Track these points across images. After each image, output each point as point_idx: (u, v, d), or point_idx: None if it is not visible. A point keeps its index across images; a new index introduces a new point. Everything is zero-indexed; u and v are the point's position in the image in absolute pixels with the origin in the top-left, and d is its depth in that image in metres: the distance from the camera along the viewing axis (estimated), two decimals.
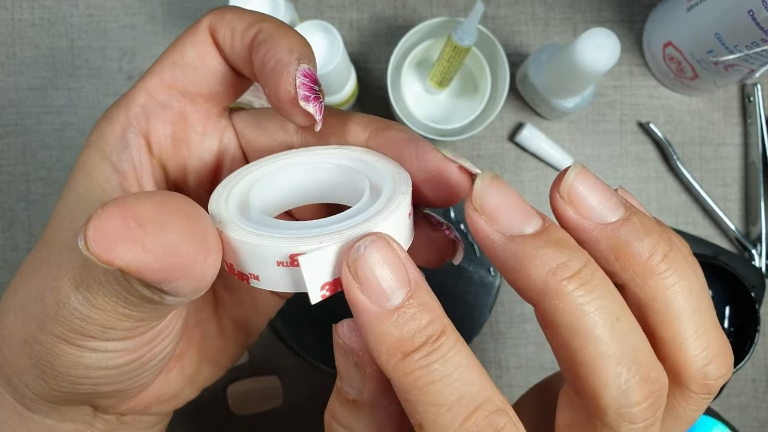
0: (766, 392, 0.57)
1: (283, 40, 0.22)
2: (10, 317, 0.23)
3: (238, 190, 0.22)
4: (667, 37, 0.52)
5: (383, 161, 0.22)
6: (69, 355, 0.22)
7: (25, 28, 0.57)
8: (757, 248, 0.55)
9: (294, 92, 0.21)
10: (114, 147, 0.24)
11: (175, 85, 0.24)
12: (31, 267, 0.23)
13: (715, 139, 0.57)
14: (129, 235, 0.16)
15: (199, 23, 0.24)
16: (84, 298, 0.20)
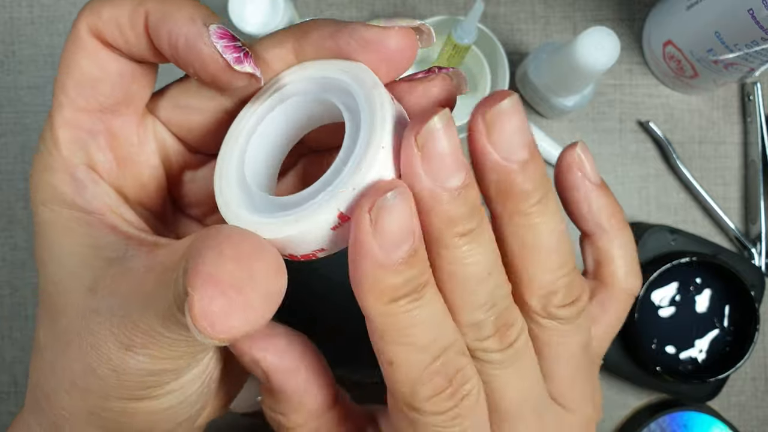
0: (765, 391, 0.57)
1: (176, 13, 0.20)
2: (63, 397, 0.21)
3: (235, 187, 0.21)
4: (667, 35, 0.52)
5: (335, 65, 0.21)
6: (145, 407, 0.21)
7: (23, 26, 0.57)
8: (757, 247, 0.55)
9: (223, 60, 0.20)
10: (73, 193, 0.22)
11: (91, 106, 0.22)
12: (56, 341, 0.22)
13: (715, 137, 0.57)
14: (236, 305, 0.16)
15: (78, 31, 0.21)
16: (147, 357, 0.20)
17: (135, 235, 0.22)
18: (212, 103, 0.23)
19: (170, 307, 0.18)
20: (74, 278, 0.21)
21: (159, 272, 0.19)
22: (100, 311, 0.20)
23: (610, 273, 0.26)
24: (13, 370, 0.57)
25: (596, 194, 0.25)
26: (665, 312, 0.53)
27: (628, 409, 0.57)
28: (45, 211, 0.22)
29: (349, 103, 0.20)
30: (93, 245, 0.21)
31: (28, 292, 0.57)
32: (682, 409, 0.53)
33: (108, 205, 0.22)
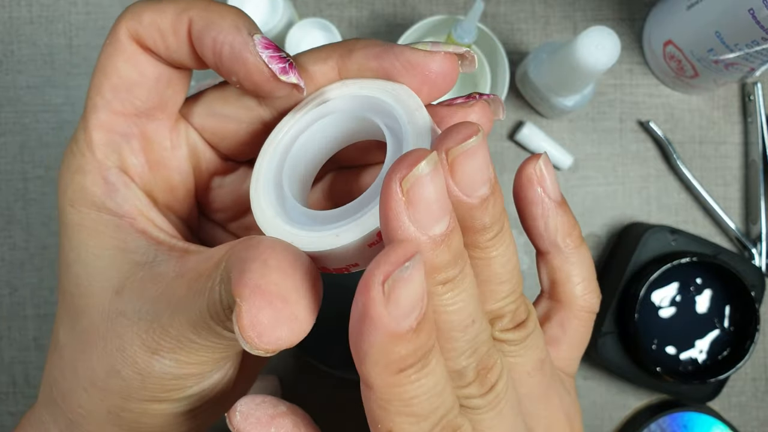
0: (766, 391, 0.57)
1: (221, 21, 0.20)
2: (81, 395, 0.22)
3: (272, 197, 0.21)
4: (668, 35, 0.52)
5: (378, 85, 0.21)
6: (165, 409, 0.21)
7: (22, 25, 0.56)
8: (757, 247, 0.55)
9: (268, 69, 0.20)
10: (104, 195, 0.22)
11: (127, 109, 0.22)
12: (76, 341, 0.22)
13: (716, 137, 0.57)
14: (283, 316, 0.17)
15: (117, 35, 0.21)
16: (173, 361, 0.20)
17: (165, 240, 0.22)
18: (249, 113, 0.23)
19: (202, 313, 0.18)
20: (100, 280, 0.21)
21: (191, 279, 0.19)
22: (127, 314, 0.20)
23: (566, 292, 0.26)
24: (12, 371, 0.57)
25: (554, 212, 0.24)
26: (665, 312, 0.53)
27: (628, 409, 0.57)
28: (73, 212, 0.22)
29: (390, 123, 0.21)
30: (121, 248, 0.21)
31: (27, 292, 0.57)
32: (683, 410, 0.53)
33: (139, 209, 0.22)
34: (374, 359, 0.17)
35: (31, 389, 0.57)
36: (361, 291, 0.16)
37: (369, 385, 0.17)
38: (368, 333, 0.16)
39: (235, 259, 0.18)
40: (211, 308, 0.18)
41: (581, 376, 0.57)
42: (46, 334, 0.57)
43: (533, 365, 0.23)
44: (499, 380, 0.20)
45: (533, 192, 0.24)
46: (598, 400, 0.57)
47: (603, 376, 0.57)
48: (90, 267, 0.21)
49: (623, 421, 0.57)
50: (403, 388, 0.17)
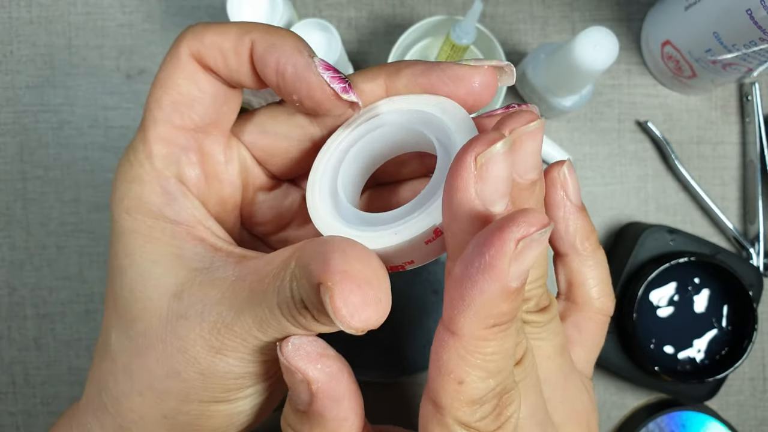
0: (763, 391, 0.57)
1: (284, 44, 0.22)
2: (135, 400, 0.22)
3: (327, 201, 0.22)
4: (666, 35, 0.52)
5: (424, 100, 0.23)
6: (222, 410, 0.22)
7: (22, 26, 0.56)
8: (755, 247, 0.55)
9: (330, 89, 0.22)
10: (162, 204, 0.23)
11: (186, 124, 0.23)
12: (131, 345, 0.22)
13: (713, 137, 0.57)
14: (370, 299, 0.18)
15: (178, 53, 0.23)
16: (237, 360, 0.21)
17: (223, 247, 0.23)
18: (300, 131, 0.24)
19: (272, 310, 0.19)
20: (157, 285, 0.22)
21: (253, 281, 0.20)
22: (189, 316, 0.21)
23: (582, 294, 0.27)
24: (12, 371, 0.57)
25: (575, 216, 0.25)
26: (663, 312, 0.53)
27: (626, 409, 0.57)
28: (129, 219, 0.23)
29: (439, 135, 0.22)
30: (178, 255, 0.22)
31: (26, 292, 0.57)
32: (681, 409, 0.53)
33: (196, 217, 0.23)
34: (478, 309, 0.17)
35: (30, 389, 0.57)
36: (492, 243, 0.17)
37: (458, 333, 0.18)
38: (485, 282, 0.17)
39: (311, 254, 0.19)
40: (282, 304, 0.19)
41: None
42: (45, 334, 0.57)
43: (553, 350, 0.24)
44: (525, 356, 0.21)
45: (556, 195, 0.25)
46: (596, 399, 0.57)
47: (601, 376, 0.57)
48: (146, 272, 0.22)
49: (621, 420, 0.57)
50: (488, 342, 0.18)
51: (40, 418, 0.57)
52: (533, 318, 0.23)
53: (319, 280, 0.18)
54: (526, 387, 0.22)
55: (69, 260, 0.57)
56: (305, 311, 0.19)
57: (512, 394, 0.20)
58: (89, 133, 0.56)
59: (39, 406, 0.57)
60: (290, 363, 0.20)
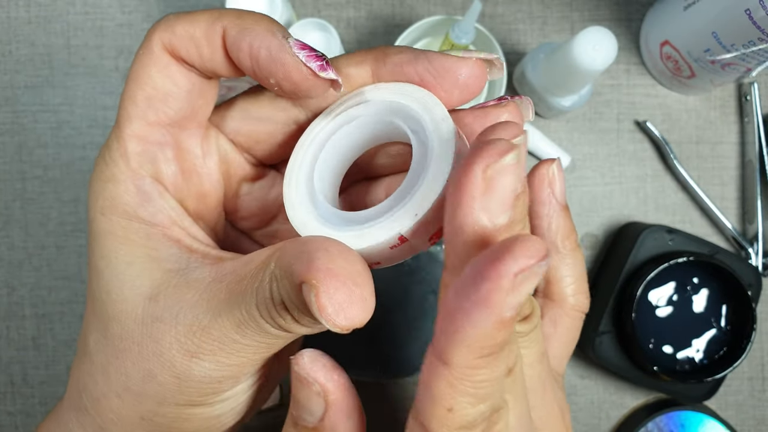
0: (762, 390, 0.57)
1: (255, 27, 0.21)
2: (113, 401, 0.22)
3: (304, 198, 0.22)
4: (665, 35, 0.52)
5: (407, 91, 0.22)
6: (199, 413, 0.22)
7: (21, 26, 0.56)
8: (754, 247, 0.55)
9: (307, 68, 0.21)
10: (136, 204, 0.22)
11: (161, 120, 0.22)
12: (108, 347, 0.22)
13: (712, 137, 0.57)
14: (356, 297, 0.18)
15: (150, 46, 0.22)
16: (213, 363, 0.20)
17: (198, 248, 0.22)
18: (284, 114, 0.24)
19: (250, 312, 0.19)
20: (132, 287, 0.22)
21: (230, 282, 0.20)
22: (164, 319, 0.21)
23: (558, 291, 0.27)
24: (10, 370, 0.57)
25: (558, 214, 0.26)
26: (662, 312, 0.53)
27: (625, 408, 0.57)
28: (104, 220, 0.22)
29: (417, 130, 0.22)
30: (152, 256, 0.22)
31: (25, 292, 0.57)
32: (680, 409, 0.53)
33: (172, 218, 0.23)
34: (471, 342, 0.17)
35: (28, 389, 0.57)
36: (489, 276, 0.16)
37: (447, 363, 0.17)
38: (479, 316, 0.16)
39: (292, 254, 0.18)
40: (261, 305, 0.19)
41: (578, 375, 0.57)
42: (44, 334, 0.57)
43: (535, 357, 0.24)
44: (515, 365, 0.21)
45: (543, 192, 0.25)
46: (595, 399, 0.57)
47: (600, 376, 0.57)
48: (121, 274, 0.22)
49: (621, 420, 0.57)
50: (479, 371, 0.17)
51: (39, 417, 0.57)
52: (518, 328, 0.22)
53: (302, 278, 0.18)
54: (516, 397, 0.21)
55: (68, 260, 0.57)
56: (285, 312, 0.19)
57: (501, 412, 0.19)
58: (88, 133, 0.56)
59: (37, 406, 0.57)
60: (309, 374, 0.20)
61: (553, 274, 0.27)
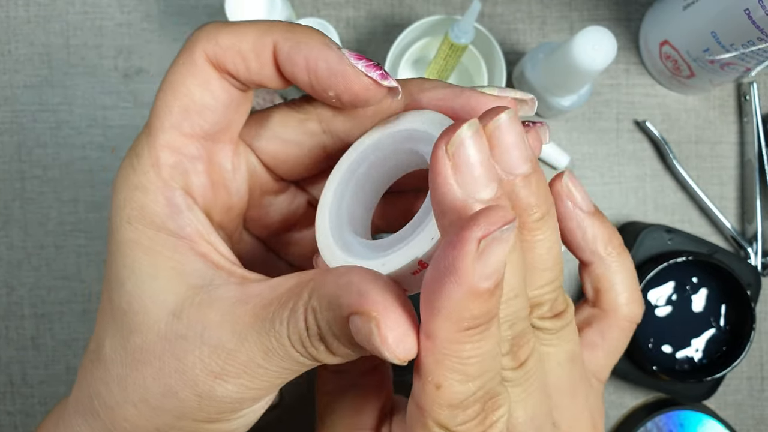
0: (761, 390, 0.57)
1: (310, 41, 0.21)
2: (129, 410, 0.22)
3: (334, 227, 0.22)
4: (664, 35, 0.52)
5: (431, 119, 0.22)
6: (215, 428, 0.22)
7: (20, 25, 0.56)
8: (753, 247, 0.56)
9: (369, 78, 0.21)
10: (165, 216, 0.22)
11: (196, 132, 0.22)
12: (128, 357, 0.22)
13: (712, 137, 0.57)
14: (410, 330, 0.18)
15: (193, 56, 0.22)
16: (236, 386, 0.20)
17: (225, 265, 0.22)
18: (312, 138, 0.24)
19: (281, 341, 0.19)
20: (156, 301, 0.21)
21: (256, 306, 0.20)
22: (188, 337, 0.20)
23: (609, 300, 0.26)
24: (9, 370, 0.57)
25: (589, 222, 0.25)
26: (662, 311, 0.53)
27: (624, 408, 0.57)
28: (129, 228, 0.22)
29: None
30: (177, 270, 0.22)
31: (24, 292, 0.57)
32: (679, 408, 0.53)
33: (200, 232, 0.22)
34: (448, 312, 0.17)
35: (28, 389, 0.57)
36: (453, 245, 0.16)
37: (432, 337, 0.18)
38: (450, 286, 0.17)
39: (335, 286, 0.18)
40: (294, 336, 0.19)
41: None
42: (43, 334, 0.57)
43: (565, 356, 0.23)
44: (529, 358, 0.21)
45: (564, 207, 0.24)
46: None
47: None
48: (145, 286, 0.21)
49: (620, 419, 0.57)
50: (463, 346, 0.18)
51: (38, 417, 0.57)
52: (546, 324, 0.22)
53: (354, 310, 0.18)
54: (528, 390, 0.21)
55: (67, 260, 0.57)
56: (319, 343, 0.19)
57: (499, 399, 0.19)
58: (87, 133, 0.56)
59: (37, 405, 0.57)
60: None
61: (601, 284, 0.26)
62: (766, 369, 0.57)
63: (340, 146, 0.24)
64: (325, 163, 0.25)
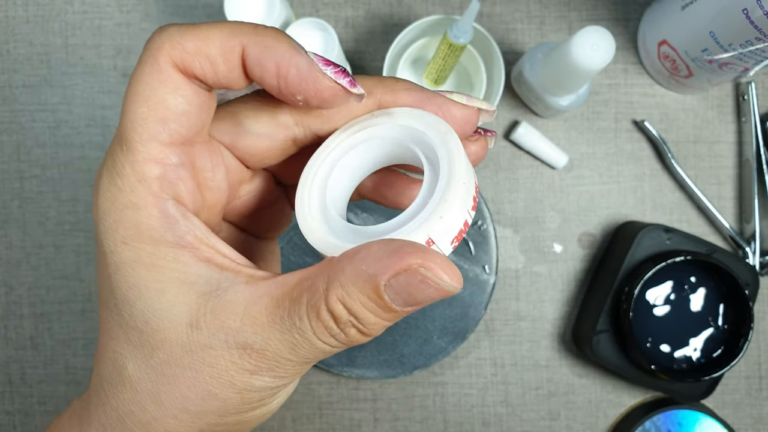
0: (759, 389, 0.57)
1: (279, 45, 0.21)
2: (169, 423, 0.22)
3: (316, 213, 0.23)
4: (662, 35, 0.52)
5: (415, 116, 0.23)
6: (258, 413, 0.23)
7: (19, 25, 0.56)
8: (751, 246, 0.56)
9: (339, 85, 0.22)
10: (163, 229, 0.22)
11: (175, 140, 0.22)
12: (155, 374, 0.22)
13: (710, 137, 0.57)
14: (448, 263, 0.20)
15: (158, 63, 0.21)
16: (272, 377, 0.21)
17: (230, 266, 0.22)
18: (283, 132, 0.24)
19: (305, 334, 0.20)
20: (169, 316, 0.21)
21: (268, 305, 0.21)
22: (214, 346, 0.21)
23: None
24: (8, 369, 0.57)
25: None
26: (660, 311, 0.53)
27: (623, 407, 0.57)
28: (127, 249, 0.22)
29: (426, 150, 0.23)
30: (182, 281, 0.22)
31: (23, 291, 0.57)
32: (677, 408, 0.54)
33: (200, 238, 0.22)
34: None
35: (27, 388, 0.57)
36: None
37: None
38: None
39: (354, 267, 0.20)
40: (319, 330, 0.20)
41: (576, 374, 0.57)
42: (42, 333, 0.57)
43: None
44: None
45: None
46: (593, 397, 0.57)
47: (598, 374, 0.57)
48: (156, 303, 0.21)
49: (618, 418, 0.57)
50: None
51: (37, 417, 0.57)
52: None
53: (393, 272, 0.19)
54: None
55: (66, 259, 0.57)
56: (350, 328, 0.20)
57: None
58: (86, 132, 0.56)
59: (36, 405, 0.57)
60: None
61: None
62: (764, 368, 0.57)
63: (312, 138, 0.24)
64: (295, 151, 0.25)
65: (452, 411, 0.57)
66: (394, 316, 0.20)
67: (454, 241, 0.21)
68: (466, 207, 0.21)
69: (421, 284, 0.19)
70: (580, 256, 0.57)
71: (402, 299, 0.19)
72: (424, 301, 0.20)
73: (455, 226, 0.21)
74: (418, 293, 0.19)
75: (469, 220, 0.22)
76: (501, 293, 0.57)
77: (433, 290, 0.19)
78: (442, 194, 0.21)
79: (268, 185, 0.27)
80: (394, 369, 0.55)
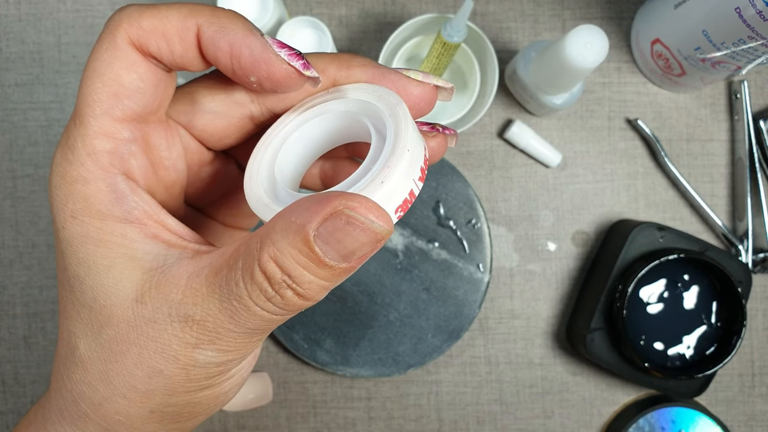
0: (752, 386, 0.58)
1: (233, 26, 0.21)
2: (119, 402, 0.22)
3: (264, 183, 0.23)
4: (655, 34, 0.52)
5: (367, 90, 0.23)
6: (209, 394, 0.23)
7: (11, 23, 0.56)
8: (744, 244, 0.56)
9: (292, 68, 0.22)
10: (111, 203, 0.22)
11: (128, 116, 0.22)
12: (104, 352, 0.22)
13: (703, 135, 0.57)
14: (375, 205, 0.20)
15: (115, 40, 0.21)
16: (214, 351, 0.21)
17: (176, 242, 0.22)
18: (241, 109, 0.24)
19: (241, 301, 0.20)
20: (116, 292, 0.21)
21: (208, 275, 0.20)
22: (157, 320, 0.21)
23: None
24: (2, 370, 0.57)
25: None
26: (653, 308, 0.53)
27: (617, 404, 0.57)
28: (75, 223, 0.22)
29: (376, 121, 0.23)
30: (129, 256, 0.22)
31: (16, 291, 0.56)
32: (671, 405, 0.54)
33: (148, 213, 0.22)
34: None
35: (20, 388, 0.57)
36: None
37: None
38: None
39: (285, 222, 0.19)
40: (254, 293, 0.20)
41: (570, 371, 0.57)
42: (35, 333, 0.57)
43: None
44: None
45: None
46: (587, 395, 0.57)
47: (592, 372, 0.57)
48: (103, 279, 0.22)
49: (612, 416, 0.57)
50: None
51: None
52: None
53: (320, 218, 0.18)
54: None
55: None
56: (286, 289, 0.19)
57: None
58: None
59: (29, 405, 0.57)
60: None
61: None
62: (756, 365, 0.58)
63: (268, 115, 0.25)
64: (252, 130, 0.25)
65: (447, 409, 0.57)
66: (330, 274, 0.20)
67: (399, 210, 0.21)
68: (412, 176, 0.21)
69: (347, 226, 0.18)
70: (573, 255, 0.57)
71: (334, 251, 0.19)
72: (355, 248, 0.19)
73: (399, 194, 0.20)
74: (346, 238, 0.19)
75: (416, 191, 0.21)
76: (495, 292, 0.57)
77: (360, 232, 0.19)
78: (386, 160, 0.21)
79: (231, 170, 0.27)
80: (389, 367, 0.55)
